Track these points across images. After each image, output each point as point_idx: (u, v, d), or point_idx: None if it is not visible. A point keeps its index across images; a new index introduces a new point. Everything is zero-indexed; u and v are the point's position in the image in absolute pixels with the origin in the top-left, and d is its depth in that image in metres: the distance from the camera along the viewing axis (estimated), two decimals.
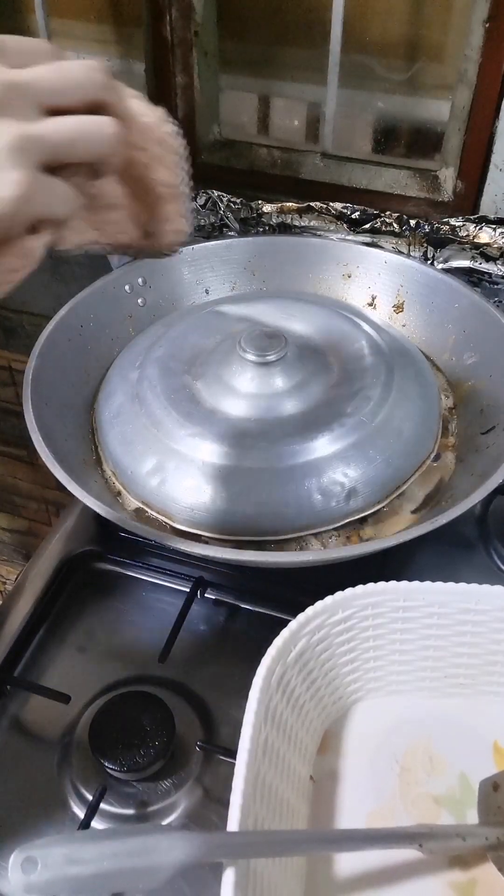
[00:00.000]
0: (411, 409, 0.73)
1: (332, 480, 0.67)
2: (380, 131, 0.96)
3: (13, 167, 0.36)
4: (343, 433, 0.68)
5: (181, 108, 0.95)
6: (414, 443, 0.72)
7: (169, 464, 0.69)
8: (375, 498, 0.68)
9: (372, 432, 0.69)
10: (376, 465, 0.68)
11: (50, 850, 0.39)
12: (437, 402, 0.77)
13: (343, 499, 0.66)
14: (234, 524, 0.66)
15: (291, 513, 0.66)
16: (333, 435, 0.68)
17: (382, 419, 0.70)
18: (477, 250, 0.85)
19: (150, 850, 0.41)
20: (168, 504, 0.68)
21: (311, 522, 0.67)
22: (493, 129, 0.82)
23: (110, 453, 0.74)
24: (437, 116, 0.91)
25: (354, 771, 0.58)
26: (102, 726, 0.61)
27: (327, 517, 0.67)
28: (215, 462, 0.67)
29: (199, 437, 0.69)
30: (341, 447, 0.68)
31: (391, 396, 0.72)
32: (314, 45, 0.91)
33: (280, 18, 0.91)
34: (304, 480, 0.66)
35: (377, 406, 0.71)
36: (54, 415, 0.72)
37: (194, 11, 0.88)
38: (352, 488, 0.67)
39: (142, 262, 0.88)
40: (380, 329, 0.81)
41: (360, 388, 0.72)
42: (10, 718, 0.66)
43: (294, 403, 0.72)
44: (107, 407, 0.77)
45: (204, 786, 0.61)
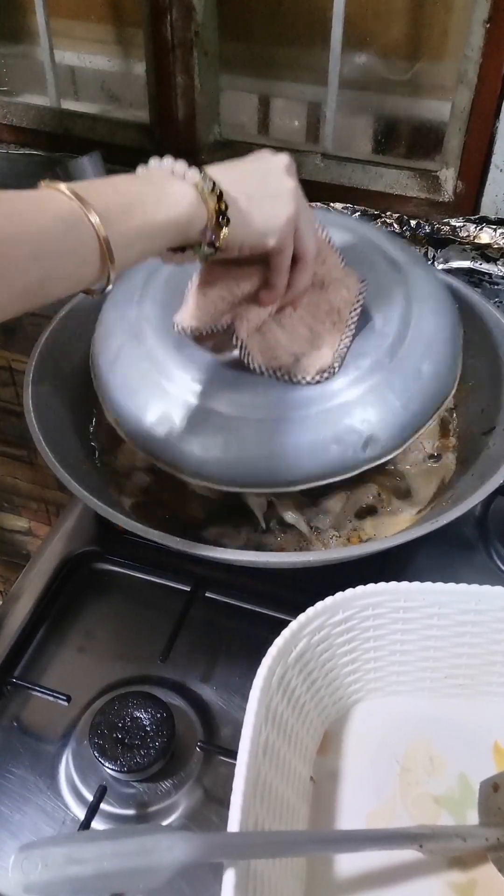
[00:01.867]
0: (431, 345, 0.66)
1: (348, 428, 0.62)
2: (380, 132, 0.96)
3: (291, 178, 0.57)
4: (359, 376, 0.63)
5: (181, 108, 0.95)
6: (434, 382, 0.66)
7: (176, 413, 0.64)
8: (393, 444, 0.64)
9: (389, 373, 0.64)
10: (394, 409, 0.63)
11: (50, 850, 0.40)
12: (458, 335, 0.71)
13: (360, 447, 0.62)
14: (247, 475, 0.62)
15: (306, 462, 0.62)
16: (349, 379, 0.63)
17: (400, 358, 0.64)
18: (477, 251, 0.85)
19: (150, 850, 0.41)
20: (177, 456, 0.64)
21: (325, 471, 0.62)
22: (493, 129, 0.82)
23: (112, 401, 0.68)
24: (437, 117, 0.91)
25: (354, 771, 0.58)
26: (102, 726, 0.61)
27: (342, 466, 0.62)
28: (225, 411, 0.63)
29: (208, 383, 0.64)
30: (358, 392, 0.63)
31: (409, 333, 0.66)
32: (314, 45, 0.91)
33: (280, 18, 0.91)
34: (319, 428, 0.62)
35: (395, 344, 0.65)
36: (54, 415, 0.72)
37: (194, 12, 0.88)
38: (369, 435, 0.62)
39: None
40: (399, 251, 0.74)
41: (377, 325, 0.66)
42: (10, 718, 0.66)
43: None
44: (105, 348, 0.70)
45: (204, 786, 0.61)
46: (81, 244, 0.43)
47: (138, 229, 0.46)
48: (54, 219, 0.42)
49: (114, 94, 1.08)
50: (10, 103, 1.08)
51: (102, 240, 0.43)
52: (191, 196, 0.50)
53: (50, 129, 1.05)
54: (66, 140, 1.05)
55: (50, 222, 0.42)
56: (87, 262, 0.44)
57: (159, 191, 0.49)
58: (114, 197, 0.46)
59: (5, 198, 0.41)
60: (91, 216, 0.43)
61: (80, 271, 0.44)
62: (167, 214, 0.48)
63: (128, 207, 0.46)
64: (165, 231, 0.49)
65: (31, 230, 0.41)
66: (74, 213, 0.43)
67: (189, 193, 0.50)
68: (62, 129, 1.05)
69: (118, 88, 1.07)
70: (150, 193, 0.48)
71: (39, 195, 0.43)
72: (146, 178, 0.50)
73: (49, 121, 1.05)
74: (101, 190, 0.45)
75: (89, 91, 1.09)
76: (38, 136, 1.06)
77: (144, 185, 0.49)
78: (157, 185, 0.49)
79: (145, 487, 0.74)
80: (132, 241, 0.46)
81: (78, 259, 0.43)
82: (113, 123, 1.03)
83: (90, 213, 0.43)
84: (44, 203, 0.43)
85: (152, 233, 0.48)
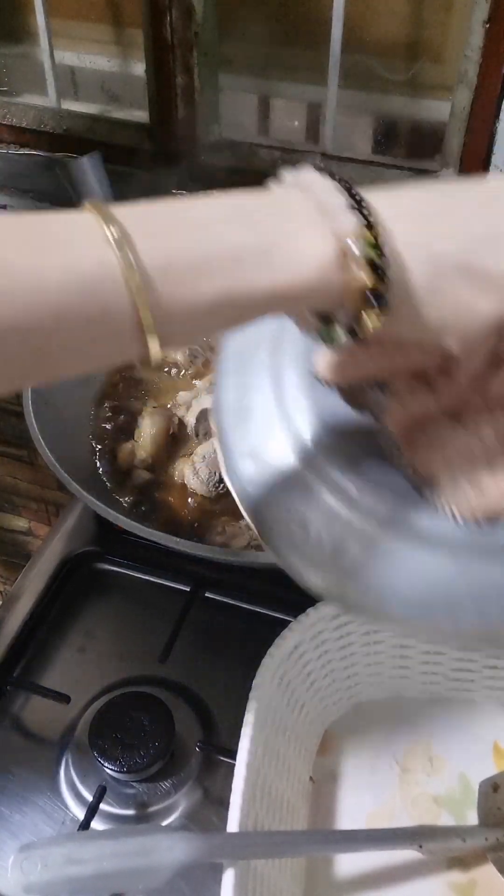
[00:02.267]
0: None
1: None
2: (380, 132, 0.96)
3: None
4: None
5: (181, 108, 0.95)
6: None
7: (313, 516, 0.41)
8: None
9: None
10: None
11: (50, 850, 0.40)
12: None
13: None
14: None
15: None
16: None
17: None
18: None
19: (149, 850, 0.41)
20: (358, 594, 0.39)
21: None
22: (493, 129, 0.82)
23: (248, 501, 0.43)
24: (437, 117, 0.91)
25: (354, 771, 0.58)
26: (102, 726, 0.61)
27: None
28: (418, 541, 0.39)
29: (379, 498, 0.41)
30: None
31: None
32: (314, 46, 0.91)
33: (280, 18, 0.91)
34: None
35: None
36: (54, 415, 0.72)
37: (194, 12, 0.88)
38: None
39: None
40: None
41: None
42: (10, 718, 0.66)
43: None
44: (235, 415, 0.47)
45: (204, 786, 0.61)
46: (106, 313, 0.29)
47: (214, 299, 0.30)
48: (68, 276, 0.28)
49: (114, 94, 1.08)
50: (10, 103, 1.08)
51: (139, 312, 0.29)
52: (325, 256, 0.31)
53: (50, 129, 1.05)
54: (66, 140, 1.05)
55: (62, 280, 0.28)
56: (115, 337, 0.30)
57: (272, 240, 0.31)
58: (185, 243, 0.30)
59: (19, 231, 0.29)
60: (129, 277, 0.28)
61: (102, 349, 0.31)
62: (274, 283, 0.31)
63: (203, 263, 0.30)
64: (265, 306, 0.32)
65: (31, 288, 0.28)
66: (105, 266, 0.28)
67: (324, 251, 0.31)
68: (62, 129, 1.05)
69: (118, 88, 1.07)
70: (254, 244, 0.30)
71: (69, 232, 0.30)
72: (261, 209, 0.32)
73: (49, 121, 1.05)
74: (167, 228, 0.30)
75: (89, 91, 1.09)
76: (38, 136, 1.06)
77: (248, 226, 0.31)
78: (273, 228, 0.31)
79: (145, 487, 0.74)
80: (198, 315, 0.31)
81: (101, 333, 0.30)
82: (113, 123, 1.03)
83: (131, 271, 0.28)
84: (70, 246, 0.29)
85: (240, 305, 0.31)
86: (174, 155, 0.99)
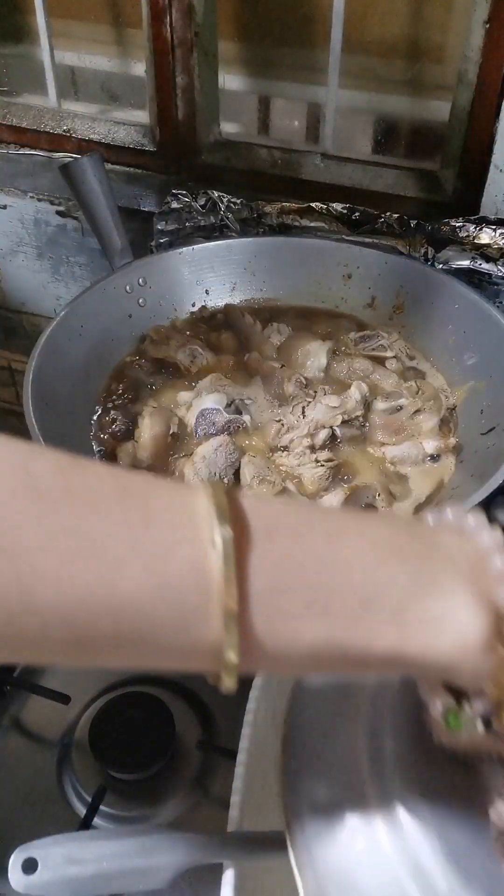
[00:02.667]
0: None
1: None
2: (380, 132, 0.96)
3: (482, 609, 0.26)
4: None
5: (181, 108, 0.95)
6: None
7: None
8: None
9: None
10: None
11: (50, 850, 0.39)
12: None
13: None
14: None
15: None
16: None
17: None
18: (477, 251, 0.85)
19: (150, 850, 0.41)
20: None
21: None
22: (493, 129, 0.81)
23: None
24: (437, 117, 0.91)
25: None
26: (102, 726, 0.61)
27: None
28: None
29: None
30: None
31: None
32: (314, 46, 0.91)
33: (280, 19, 0.91)
34: None
35: None
36: (54, 415, 0.72)
37: (194, 12, 0.88)
38: None
39: (141, 262, 0.88)
40: None
41: None
42: (10, 718, 0.66)
43: None
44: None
45: (204, 786, 0.61)
46: (181, 629, 0.24)
47: (319, 644, 0.25)
48: (152, 577, 0.23)
49: (114, 94, 1.08)
50: (10, 103, 1.08)
51: (224, 643, 0.24)
52: (474, 630, 0.26)
53: (50, 129, 1.05)
54: (66, 140, 1.05)
55: (143, 579, 0.23)
56: (182, 653, 0.25)
57: (408, 588, 0.26)
58: (304, 564, 0.25)
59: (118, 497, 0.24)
60: (226, 597, 0.23)
61: (159, 659, 0.26)
62: (401, 644, 0.26)
63: (321, 597, 0.25)
64: (382, 664, 0.26)
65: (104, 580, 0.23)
66: (200, 574, 0.24)
67: (473, 623, 0.26)
68: (62, 129, 1.05)
69: (118, 88, 1.07)
70: (386, 585, 0.26)
71: (172, 517, 0.25)
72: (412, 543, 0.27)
73: (49, 121, 1.05)
74: (288, 540, 0.25)
75: (89, 91, 1.09)
76: (38, 136, 1.06)
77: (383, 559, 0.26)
78: (414, 571, 0.26)
79: None
80: (293, 657, 0.25)
81: (167, 644, 0.25)
82: (113, 123, 1.03)
83: (228, 590, 0.23)
84: (169, 532, 0.24)
85: (349, 658, 0.26)
86: (174, 155, 0.99)
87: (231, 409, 0.79)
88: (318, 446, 0.75)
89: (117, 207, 0.83)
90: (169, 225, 0.96)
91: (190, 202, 0.94)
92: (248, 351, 0.88)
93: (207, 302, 0.94)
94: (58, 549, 0.23)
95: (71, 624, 0.23)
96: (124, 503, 0.24)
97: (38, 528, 0.23)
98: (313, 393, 0.80)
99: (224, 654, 0.24)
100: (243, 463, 0.73)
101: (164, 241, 0.97)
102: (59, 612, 0.23)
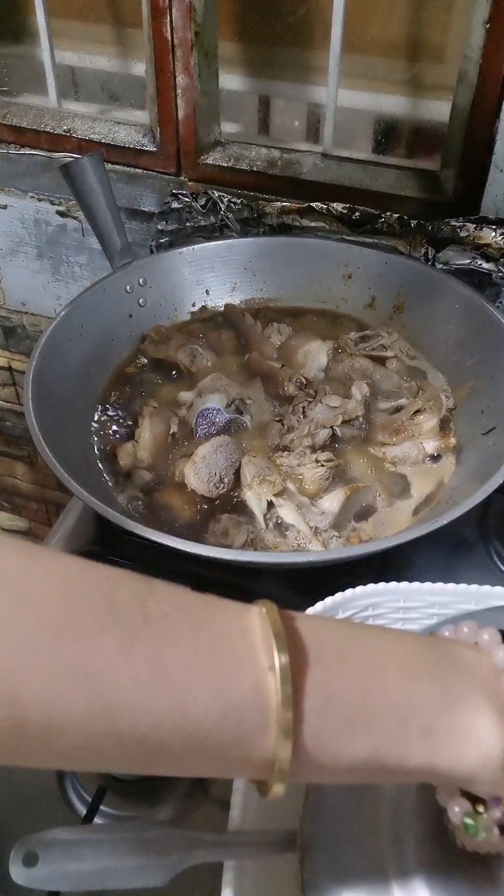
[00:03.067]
0: None
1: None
2: (380, 132, 0.96)
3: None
4: None
5: (181, 108, 0.95)
6: None
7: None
8: None
9: None
10: None
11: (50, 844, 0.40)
12: None
13: None
14: None
15: None
16: None
17: None
18: (477, 251, 0.85)
19: (149, 846, 0.41)
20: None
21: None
22: (493, 129, 0.82)
23: None
24: (437, 117, 0.91)
25: None
26: None
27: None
28: None
29: None
30: None
31: None
32: (314, 45, 0.91)
33: (280, 18, 0.91)
34: None
35: None
36: (55, 414, 0.72)
37: (194, 12, 0.88)
38: None
39: (141, 262, 0.88)
40: None
41: None
42: None
43: None
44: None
45: (204, 786, 0.61)
46: (238, 745, 0.27)
47: (362, 758, 0.28)
48: (216, 701, 0.26)
49: (114, 94, 1.08)
50: (10, 103, 1.08)
51: (277, 756, 0.27)
52: (496, 746, 0.29)
53: (50, 129, 1.05)
54: (66, 140, 1.05)
55: (209, 703, 0.26)
56: (234, 765, 0.28)
57: (440, 710, 0.28)
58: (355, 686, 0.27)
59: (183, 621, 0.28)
60: (282, 718, 0.26)
61: (211, 768, 0.29)
62: (431, 760, 0.28)
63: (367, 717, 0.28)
64: (413, 775, 0.29)
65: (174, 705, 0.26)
66: (260, 697, 0.26)
67: (496, 740, 0.29)
68: (62, 129, 1.05)
69: (118, 88, 1.07)
70: (424, 706, 0.28)
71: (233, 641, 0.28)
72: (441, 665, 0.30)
73: (49, 121, 1.05)
74: (341, 661, 0.28)
75: (89, 91, 1.09)
76: (38, 136, 1.06)
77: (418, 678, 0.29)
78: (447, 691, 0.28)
79: (145, 487, 0.74)
80: (338, 769, 0.28)
81: (222, 758, 0.28)
82: (113, 123, 1.03)
83: (285, 711, 0.26)
84: (231, 660, 0.27)
85: (387, 769, 0.28)
86: (174, 155, 0.99)
87: (231, 409, 0.79)
88: (318, 446, 0.75)
89: (117, 207, 0.83)
90: (169, 225, 0.96)
91: (190, 202, 0.94)
92: (249, 351, 0.88)
93: (208, 302, 0.94)
94: (139, 680, 0.25)
95: (144, 744, 0.26)
96: (193, 632, 0.27)
97: (121, 660, 0.25)
98: (313, 393, 0.80)
99: (277, 766, 0.26)
100: (243, 463, 0.73)
101: (164, 241, 0.97)
102: (136, 736, 0.25)
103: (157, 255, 0.92)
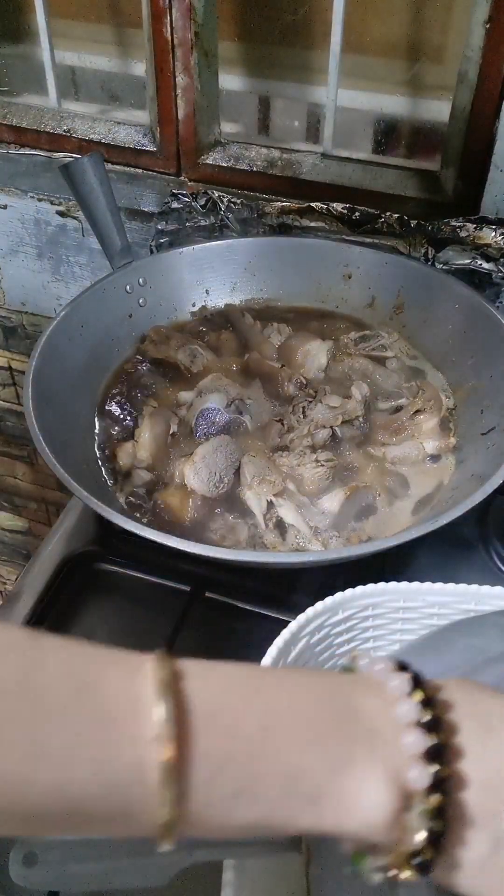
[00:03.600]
0: None
1: None
2: (380, 132, 0.96)
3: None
4: None
5: (181, 108, 0.95)
6: None
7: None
8: None
9: None
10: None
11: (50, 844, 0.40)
12: None
13: None
14: None
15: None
16: None
17: None
18: (477, 251, 0.85)
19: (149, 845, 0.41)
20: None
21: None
22: (493, 129, 0.82)
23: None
24: (437, 117, 0.91)
25: None
26: None
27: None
28: None
29: None
30: None
31: None
32: (314, 45, 0.91)
33: (280, 18, 0.91)
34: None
35: None
36: (55, 414, 0.72)
37: (194, 12, 0.88)
38: None
39: (141, 262, 0.88)
40: None
41: None
42: None
43: None
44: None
45: None
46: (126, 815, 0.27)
47: (248, 824, 0.28)
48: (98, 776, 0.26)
49: (114, 94, 1.08)
50: (10, 103, 1.08)
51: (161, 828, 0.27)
52: (381, 812, 0.28)
53: (50, 129, 1.05)
54: (66, 140, 1.05)
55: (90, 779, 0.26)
56: (126, 828, 0.29)
57: (327, 777, 0.28)
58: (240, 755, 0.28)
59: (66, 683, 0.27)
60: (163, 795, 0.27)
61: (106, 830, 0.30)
62: (317, 824, 0.29)
63: (252, 786, 0.28)
64: (300, 831, 0.31)
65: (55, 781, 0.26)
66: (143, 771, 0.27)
67: (381, 806, 0.28)
68: (62, 129, 1.05)
69: (118, 88, 1.07)
70: (310, 777, 0.28)
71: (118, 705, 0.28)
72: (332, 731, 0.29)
73: (49, 121, 1.05)
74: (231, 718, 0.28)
75: (89, 91, 1.09)
76: (38, 136, 1.06)
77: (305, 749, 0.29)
78: (336, 759, 0.29)
79: (145, 487, 0.74)
80: (226, 832, 0.29)
81: (112, 826, 0.29)
82: (113, 123, 1.03)
83: (168, 787, 0.26)
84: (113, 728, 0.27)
85: (274, 830, 0.29)
86: (174, 155, 0.99)
87: (231, 409, 0.79)
88: (318, 446, 0.75)
89: (117, 207, 0.83)
90: (169, 225, 0.96)
91: (190, 202, 0.94)
92: (248, 351, 0.88)
93: (208, 302, 0.94)
94: (15, 755, 0.25)
95: (28, 818, 0.26)
96: (77, 703, 0.27)
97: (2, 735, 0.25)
98: (313, 393, 0.80)
99: (164, 830, 0.27)
100: (243, 463, 0.73)
101: (164, 241, 0.97)
102: (20, 811, 0.26)
103: (157, 256, 0.92)
